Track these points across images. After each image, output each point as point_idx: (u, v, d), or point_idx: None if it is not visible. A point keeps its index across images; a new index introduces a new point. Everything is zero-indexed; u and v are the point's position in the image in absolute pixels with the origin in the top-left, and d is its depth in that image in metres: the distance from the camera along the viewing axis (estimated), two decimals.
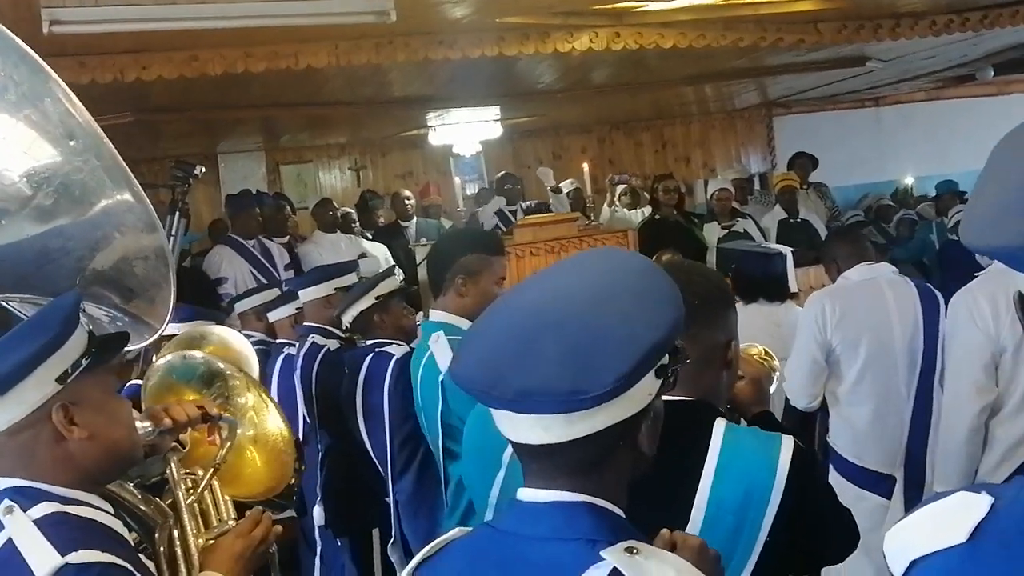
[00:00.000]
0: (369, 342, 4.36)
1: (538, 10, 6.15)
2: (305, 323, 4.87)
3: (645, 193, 9.88)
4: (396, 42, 6.17)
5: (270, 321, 5.34)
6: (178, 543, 2.15)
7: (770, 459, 1.94)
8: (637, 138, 12.74)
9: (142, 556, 2.00)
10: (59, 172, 2.15)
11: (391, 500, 3.99)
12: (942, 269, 8.82)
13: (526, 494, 1.42)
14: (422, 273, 7.86)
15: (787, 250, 4.93)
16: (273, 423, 2.60)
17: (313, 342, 4.68)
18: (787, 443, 1.98)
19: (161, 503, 2.20)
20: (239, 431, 2.42)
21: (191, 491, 2.26)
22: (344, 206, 9.48)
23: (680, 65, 8.51)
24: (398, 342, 4.24)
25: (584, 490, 1.39)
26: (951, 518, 1.13)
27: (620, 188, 10.07)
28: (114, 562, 1.82)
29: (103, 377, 2.02)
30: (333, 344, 4.69)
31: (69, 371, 1.90)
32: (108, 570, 1.80)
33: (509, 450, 2.67)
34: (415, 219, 9.69)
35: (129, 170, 2.22)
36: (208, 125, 8.76)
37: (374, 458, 4.17)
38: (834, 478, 4.18)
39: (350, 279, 4.94)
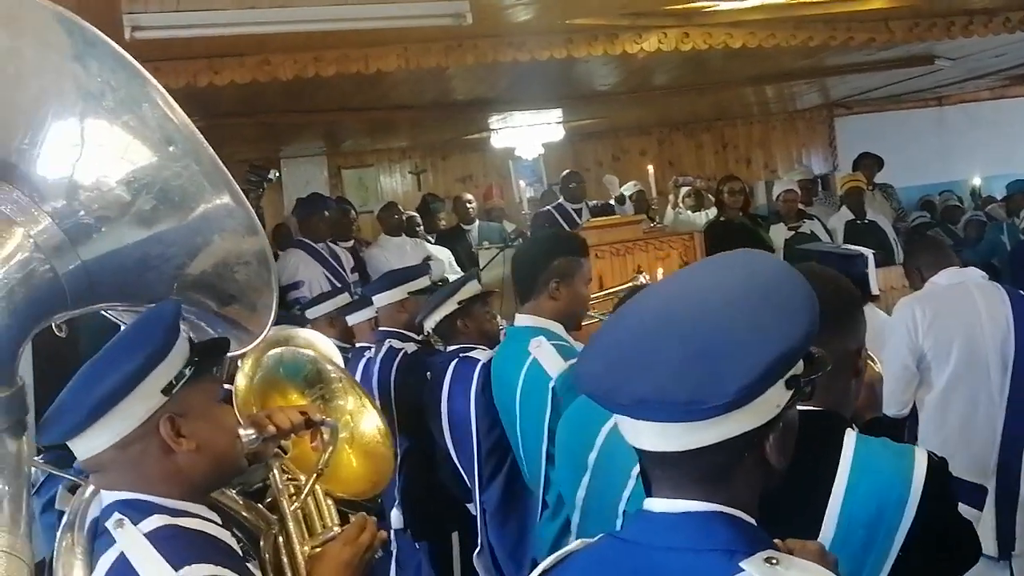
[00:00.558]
0: (452, 348, 4.33)
1: (607, 11, 6.11)
2: (380, 328, 4.86)
3: (709, 195, 9.79)
4: (465, 44, 6.17)
5: (349, 325, 5.33)
6: (284, 551, 2.12)
7: (904, 473, 1.87)
8: (697, 139, 12.65)
9: (250, 565, 1.98)
10: (158, 177, 2.12)
11: (477, 507, 3.95)
12: (1013, 271, 8.65)
13: (655, 504, 1.38)
14: (485, 276, 7.86)
15: (868, 252, 4.82)
16: (371, 423, 2.58)
17: (391, 346, 4.67)
18: (921, 456, 1.92)
19: (264, 510, 2.17)
20: (341, 435, 2.39)
21: (294, 497, 2.22)
22: (405, 210, 9.50)
23: (743, 66, 8.42)
24: (482, 347, 4.21)
25: (716, 500, 1.35)
26: None
27: (684, 190, 9.99)
28: (225, 574, 1.80)
29: (207, 386, 2.00)
30: (410, 347, 4.67)
31: (174, 382, 1.88)
32: None
33: (595, 453, 2.65)
34: (477, 222, 9.68)
35: (229, 173, 2.19)
36: (273, 129, 8.82)
37: (458, 464, 4.14)
38: None
39: (423, 283, 4.93)
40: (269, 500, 2.21)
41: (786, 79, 9.72)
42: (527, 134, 9.52)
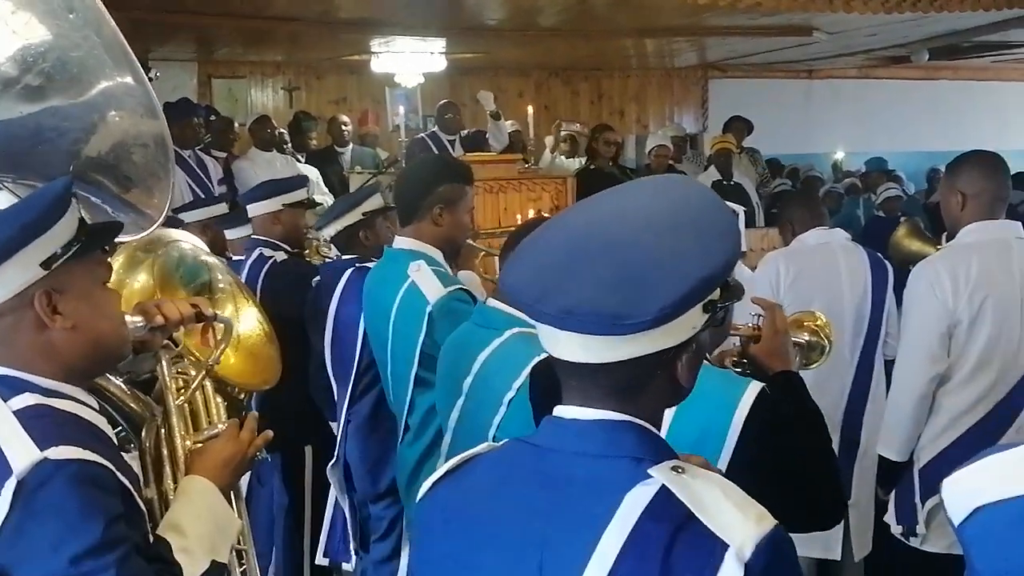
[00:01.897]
0: (345, 257, 4.27)
1: None
2: (252, 236, 4.76)
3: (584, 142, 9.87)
4: None
5: (227, 239, 5.20)
6: (165, 443, 2.09)
7: (730, 400, 1.95)
8: (575, 87, 12.72)
9: (126, 455, 1.93)
10: (55, 47, 2.04)
11: (341, 419, 3.93)
12: (865, 244, 8.99)
13: (566, 411, 1.41)
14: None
15: (740, 209, 4.95)
16: (255, 321, 2.54)
17: (260, 253, 4.58)
18: (753, 387, 2.00)
19: (151, 401, 2.13)
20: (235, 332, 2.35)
21: (182, 391, 2.18)
22: (276, 126, 9.30)
23: (629, 16, 8.49)
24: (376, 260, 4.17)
25: (626, 411, 1.38)
26: (1021, 467, 1.14)
27: (563, 134, 10.04)
28: (94, 460, 1.74)
29: (93, 267, 1.92)
30: (280, 256, 4.60)
31: (58, 255, 1.81)
32: (87, 467, 1.72)
33: (470, 379, 2.67)
34: (351, 146, 9.55)
35: (130, 49, 2.11)
36: (143, 28, 8.42)
37: (332, 376, 4.09)
38: None
39: (300, 195, 4.83)
40: (157, 391, 2.16)
41: (668, 34, 9.83)
42: (408, 61, 9.41)
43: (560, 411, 1.41)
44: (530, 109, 8.27)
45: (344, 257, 4.26)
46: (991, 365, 3.42)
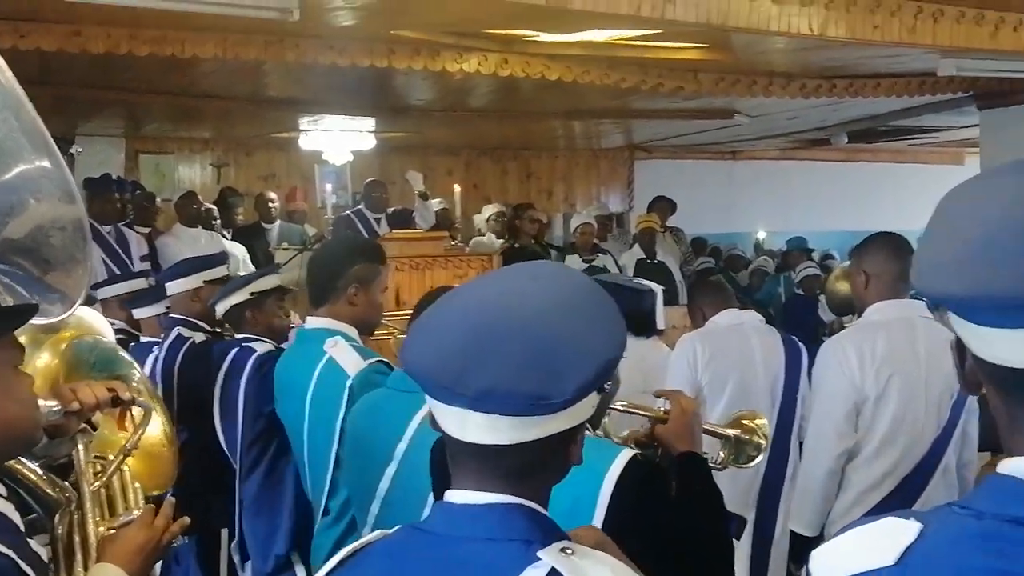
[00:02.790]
0: (238, 336, 4.29)
1: (432, 27, 6.19)
2: (171, 315, 4.74)
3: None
4: (286, 41, 6.13)
5: (135, 318, 5.15)
6: (77, 529, 2.05)
7: (599, 469, 1.98)
8: (503, 166, 12.90)
9: (33, 542, 1.90)
10: None
11: (237, 498, 3.93)
12: (786, 321, 9.18)
13: (458, 496, 1.42)
14: (281, 278, 7.75)
15: (658, 288, 5.04)
16: (157, 425, 2.51)
17: (179, 334, 4.56)
18: (623, 455, 2.03)
19: (67, 486, 2.09)
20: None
21: (99, 475, 2.15)
22: (203, 202, 9.28)
23: (556, 99, 8.67)
24: (264, 340, 4.19)
25: (518, 494, 1.40)
26: (881, 540, 1.19)
27: (491, 212, 10.18)
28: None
29: (5, 349, 1.91)
30: (199, 337, 4.58)
31: None
32: None
33: (404, 444, 2.67)
34: (278, 222, 9.55)
35: (49, 135, 2.13)
36: (72, 103, 8.44)
37: (228, 454, 4.10)
38: None
39: (220, 272, 4.83)
40: (74, 476, 2.13)
41: (594, 117, 10.05)
42: (337, 139, 9.47)
43: (451, 495, 1.43)
44: (457, 188, 8.38)
45: (237, 336, 4.28)
46: (897, 441, 3.50)
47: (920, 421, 3.48)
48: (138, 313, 5.11)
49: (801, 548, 3.78)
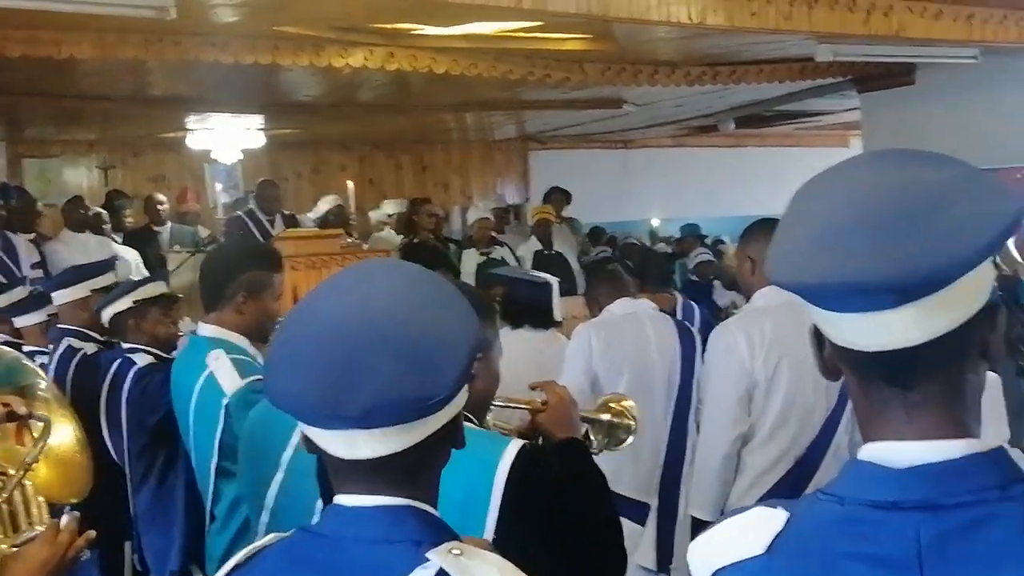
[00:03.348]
0: (124, 346, 4.20)
1: (315, 23, 6.11)
2: (59, 325, 4.61)
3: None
4: (166, 40, 5.99)
5: (15, 326, 4.98)
6: None
7: (492, 459, 2.02)
8: (397, 160, 12.83)
9: None
10: None
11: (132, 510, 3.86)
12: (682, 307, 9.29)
13: (347, 500, 1.41)
14: (174, 280, 7.60)
15: (554, 280, 5.07)
16: (67, 431, 2.46)
17: (69, 345, 4.44)
18: (513, 445, 2.06)
19: None
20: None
21: (0, 491, 2.13)
22: (91, 206, 9.04)
23: (446, 91, 8.65)
24: (147, 350, 4.10)
25: (406, 494, 1.40)
26: (751, 531, 1.23)
27: (389, 207, 10.15)
28: None
29: None
30: (91, 347, 4.46)
31: None
32: None
33: (289, 451, 2.65)
34: (169, 224, 9.36)
35: None
36: None
37: (119, 464, 4.01)
38: None
39: (107, 279, 4.72)
40: None
41: (485, 108, 10.05)
42: (226, 138, 9.32)
43: (341, 499, 1.41)
44: (350, 184, 8.30)
45: (123, 347, 4.19)
46: (789, 424, 3.57)
47: (810, 403, 3.55)
48: (19, 322, 4.96)
49: (702, 531, 3.83)
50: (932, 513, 1.12)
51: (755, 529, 1.22)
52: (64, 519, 2.10)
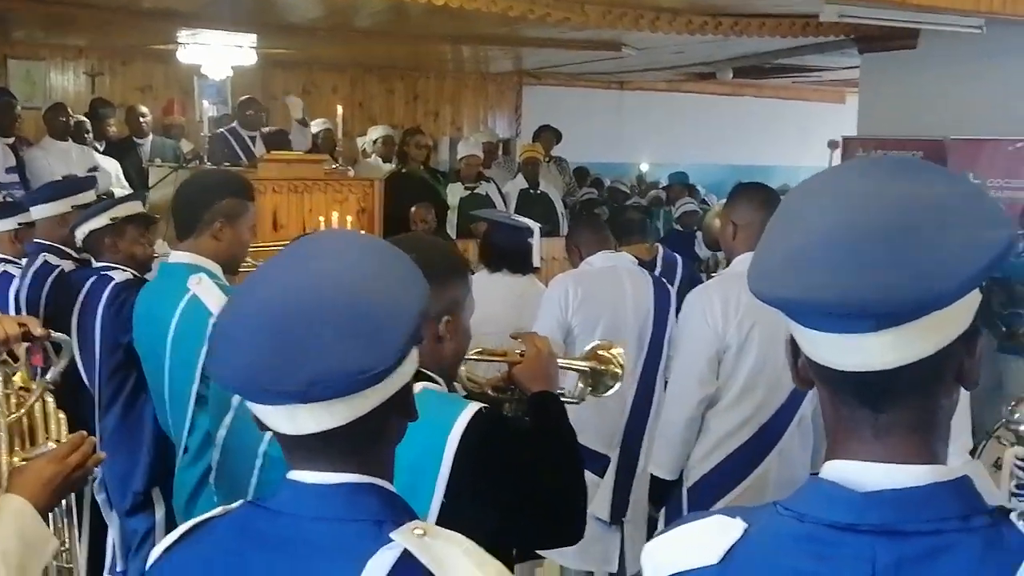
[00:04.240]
0: (97, 264, 4.15)
1: None
2: (36, 240, 4.55)
3: None
4: None
5: None
6: None
7: (446, 422, 2.01)
8: (390, 85, 12.67)
9: None
10: None
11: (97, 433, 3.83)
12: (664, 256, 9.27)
13: (305, 476, 1.38)
14: (153, 195, 7.54)
15: (535, 225, 5.04)
16: None
17: (45, 260, 4.38)
18: (469, 408, 2.06)
19: None
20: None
21: (20, 406, 2.20)
22: (75, 113, 8.92)
23: (443, 23, 8.49)
24: (123, 269, 4.07)
25: (362, 469, 1.38)
26: (707, 539, 1.22)
27: (376, 134, 10.04)
28: None
29: None
30: (68, 265, 4.41)
31: None
32: None
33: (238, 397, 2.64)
34: (151, 137, 9.26)
35: None
36: None
37: (89, 387, 3.98)
38: None
39: (89, 196, 4.66)
40: None
41: (482, 42, 9.92)
42: (216, 54, 9.16)
43: (297, 475, 1.38)
44: (340, 109, 8.21)
45: (95, 265, 4.14)
46: (756, 390, 3.59)
47: (779, 372, 3.55)
48: None
49: (660, 490, 3.87)
50: (890, 538, 1.11)
51: (711, 538, 1.22)
52: (76, 437, 2.16)
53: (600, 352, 2.83)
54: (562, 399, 2.46)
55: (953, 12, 6.62)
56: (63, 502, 2.20)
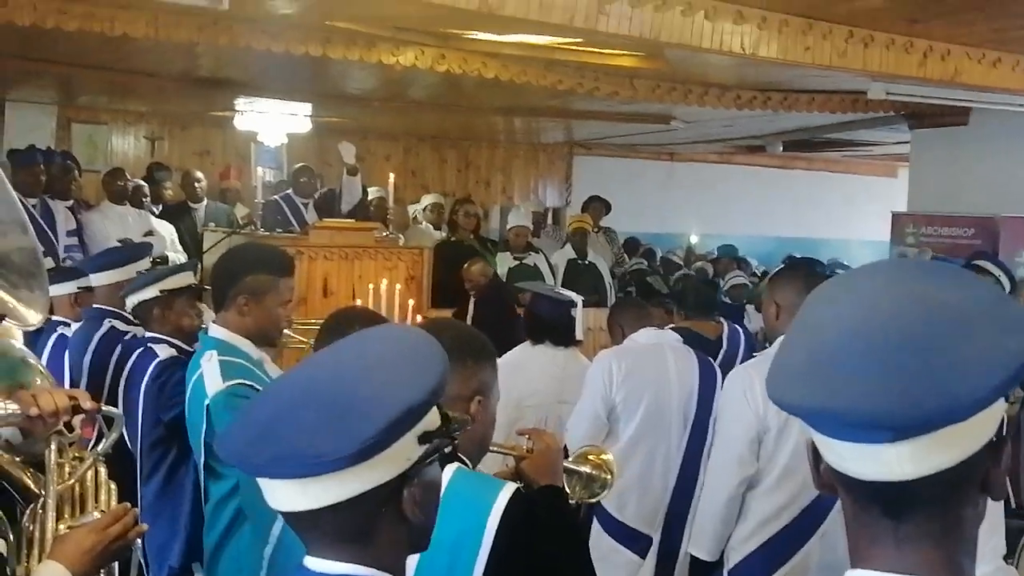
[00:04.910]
0: (145, 336, 4.20)
1: (367, 19, 6.12)
2: (96, 305, 4.63)
3: None
4: (220, 24, 6.02)
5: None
6: (38, 525, 2.18)
7: (485, 502, 2.04)
8: (443, 154, 12.84)
9: None
10: None
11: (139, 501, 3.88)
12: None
13: (314, 564, 1.41)
14: (207, 260, 7.67)
15: (578, 299, 5.07)
16: None
17: (112, 327, 4.46)
18: (507, 488, 2.09)
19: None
20: None
21: (72, 475, 2.28)
22: (134, 176, 9.12)
23: (495, 95, 8.64)
24: (170, 342, 4.10)
25: (363, 561, 1.39)
26: None
27: (427, 202, 10.16)
28: None
29: None
30: (139, 331, 4.46)
31: None
32: None
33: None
34: (205, 201, 9.44)
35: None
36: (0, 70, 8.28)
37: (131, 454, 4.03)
38: (594, 528, 4.34)
39: (147, 263, 4.76)
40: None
41: (533, 114, 10.04)
42: (272, 121, 9.36)
43: (309, 563, 1.42)
44: (392, 176, 8.32)
45: (143, 336, 4.19)
46: (797, 473, 3.55)
47: None
48: (50, 291, 4.99)
49: (701, 572, 3.84)
50: None
51: None
52: (118, 508, 2.23)
53: (592, 457, 2.83)
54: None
55: (1001, 91, 6.60)
56: (103, 571, 2.23)
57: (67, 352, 4.55)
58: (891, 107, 8.43)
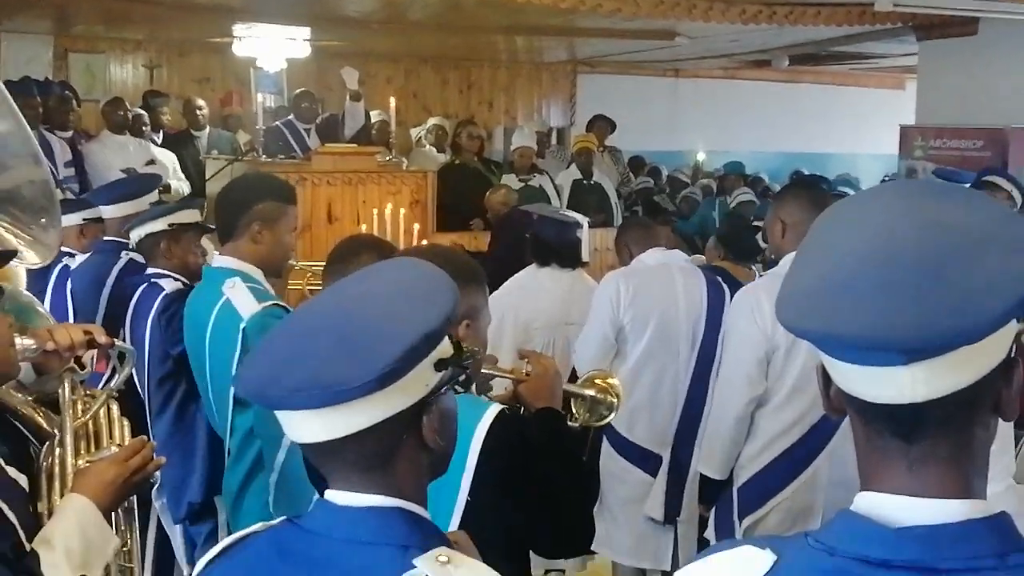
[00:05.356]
0: (149, 271, 4.15)
1: None
2: (108, 238, 4.60)
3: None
4: None
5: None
6: (57, 461, 2.19)
7: (470, 422, 2.06)
8: (444, 76, 12.69)
9: (12, 469, 2.02)
10: None
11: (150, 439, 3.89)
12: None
13: (337, 497, 1.42)
14: (210, 187, 7.64)
15: (584, 220, 5.04)
16: None
17: (131, 259, 4.41)
18: (492, 409, 2.13)
19: (57, 420, 2.25)
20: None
21: (87, 411, 2.30)
22: (133, 105, 9.06)
23: (496, 14, 8.53)
24: (174, 277, 4.05)
25: (389, 492, 1.40)
26: (736, 570, 1.21)
27: (431, 124, 10.07)
28: None
29: None
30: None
31: None
32: None
33: None
34: (208, 129, 9.37)
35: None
36: None
37: (140, 392, 4.02)
38: (605, 448, 4.36)
39: (155, 196, 4.73)
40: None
41: (535, 33, 9.91)
42: (271, 46, 9.25)
43: (331, 495, 1.42)
44: (393, 101, 8.25)
45: (147, 272, 4.14)
46: (806, 391, 3.55)
47: None
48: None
49: (710, 490, 3.87)
50: (924, 575, 1.09)
51: (740, 569, 1.20)
52: (136, 442, 2.26)
53: (598, 381, 2.84)
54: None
55: (1010, 0, 6.49)
56: (125, 503, 2.26)
57: (71, 283, 4.53)
58: (898, 18, 8.29)
